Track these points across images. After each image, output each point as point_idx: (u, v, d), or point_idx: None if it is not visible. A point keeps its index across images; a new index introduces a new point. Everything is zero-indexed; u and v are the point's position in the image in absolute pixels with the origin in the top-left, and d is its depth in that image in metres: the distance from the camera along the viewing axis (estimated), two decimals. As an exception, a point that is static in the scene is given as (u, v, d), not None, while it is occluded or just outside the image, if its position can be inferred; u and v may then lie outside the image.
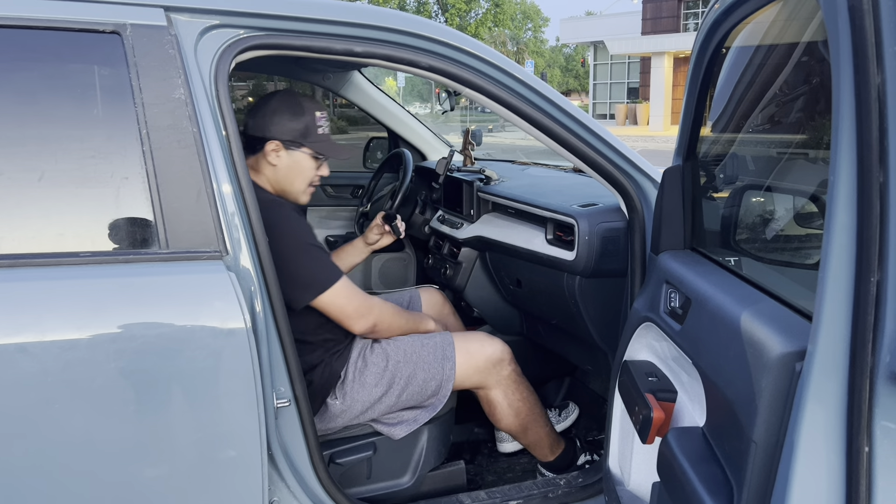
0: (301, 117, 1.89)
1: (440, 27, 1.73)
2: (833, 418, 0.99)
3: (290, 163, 1.91)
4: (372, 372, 1.94)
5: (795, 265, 1.55)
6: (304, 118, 1.89)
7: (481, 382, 2.09)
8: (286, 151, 1.90)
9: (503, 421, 2.15)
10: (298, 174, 1.93)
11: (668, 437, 1.39)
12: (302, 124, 1.89)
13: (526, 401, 2.15)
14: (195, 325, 1.40)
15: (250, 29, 1.56)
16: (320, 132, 1.92)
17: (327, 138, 1.95)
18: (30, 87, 1.39)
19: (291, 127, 1.88)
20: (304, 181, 1.94)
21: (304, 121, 1.89)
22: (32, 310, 1.31)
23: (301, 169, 1.93)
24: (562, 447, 2.27)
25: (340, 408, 1.91)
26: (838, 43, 0.94)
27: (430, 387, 1.98)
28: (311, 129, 1.90)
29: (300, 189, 1.95)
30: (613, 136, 1.88)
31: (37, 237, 1.37)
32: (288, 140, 1.89)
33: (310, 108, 1.91)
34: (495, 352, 2.09)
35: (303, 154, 1.91)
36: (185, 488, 1.45)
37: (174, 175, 1.43)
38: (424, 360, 1.98)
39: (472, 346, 2.08)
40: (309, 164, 1.93)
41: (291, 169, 1.92)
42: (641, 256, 1.91)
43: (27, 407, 1.30)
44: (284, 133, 1.88)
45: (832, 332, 0.97)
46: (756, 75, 1.61)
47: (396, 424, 1.99)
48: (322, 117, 1.93)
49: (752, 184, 1.74)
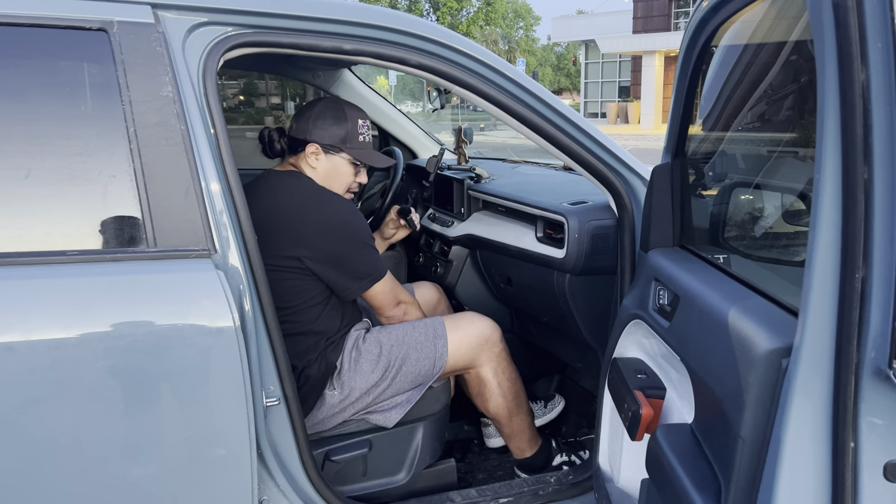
0: (343, 123, 1.96)
1: (430, 25, 1.73)
2: (819, 414, 0.99)
3: (328, 167, 1.98)
4: (367, 359, 1.97)
5: (784, 262, 1.56)
6: (346, 125, 1.96)
7: (473, 361, 2.13)
8: (325, 155, 1.96)
9: (491, 401, 2.17)
10: (336, 178, 2.00)
11: (657, 434, 1.40)
12: (343, 130, 1.96)
13: (514, 382, 2.19)
14: (183, 323, 1.39)
15: (238, 26, 1.56)
16: (361, 140, 1.99)
17: (367, 146, 2.01)
18: (16, 85, 1.38)
19: (333, 132, 1.95)
20: (341, 185, 2.01)
21: (345, 127, 1.96)
22: (19, 309, 1.30)
23: (339, 174, 2.00)
24: (539, 443, 2.30)
25: (339, 397, 1.93)
26: (823, 40, 0.95)
27: (425, 366, 2.01)
28: (351, 135, 1.96)
29: (339, 193, 2.01)
30: (603, 134, 1.89)
31: (23, 236, 1.36)
32: (328, 144, 1.95)
33: (352, 116, 1.97)
34: (486, 328, 2.14)
35: (341, 159, 1.98)
36: (174, 488, 1.45)
37: (162, 173, 1.42)
38: (416, 340, 2.02)
39: (463, 324, 2.13)
40: (347, 169, 2.00)
41: (329, 173, 1.99)
42: (631, 254, 1.91)
43: (14, 406, 1.29)
44: (325, 137, 1.95)
45: (818, 328, 0.97)
46: (744, 73, 1.62)
47: (391, 409, 2.00)
48: (364, 125, 2.00)
49: (741, 181, 1.74)
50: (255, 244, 1.53)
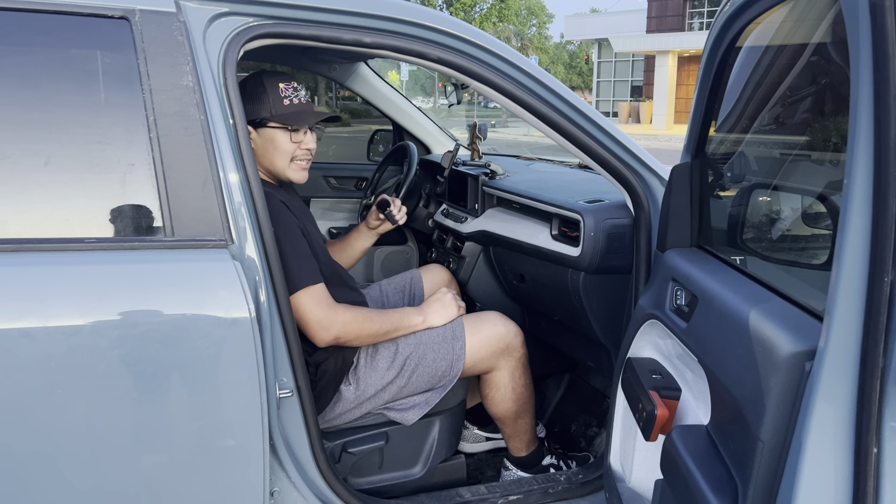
0: (261, 94, 1.85)
1: (450, 19, 1.72)
2: (842, 418, 0.98)
3: (262, 143, 1.88)
4: (383, 356, 1.94)
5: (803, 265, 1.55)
6: (265, 95, 1.85)
7: (491, 365, 2.07)
8: (256, 133, 1.87)
9: (501, 405, 2.12)
10: (275, 151, 1.88)
11: (673, 435, 1.39)
12: (263, 99, 1.85)
13: (528, 388, 2.14)
14: (199, 313, 1.39)
15: (259, 17, 1.55)
16: (286, 103, 1.86)
17: (297, 107, 1.88)
18: (38, 72, 1.38)
19: (255, 107, 1.84)
20: (283, 157, 1.89)
21: (264, 97, 1.85)
22: (37, 295, 1.31)
23: (275, 145, 1.88)
24: (535, 446, 2.26)
25: (355, 394, 1.92)
26: (858, 41, 0.93)
27: (441, 367, 1.97)
28: (274, 101, 1.85)
29: (283, 165, 1.90)
30: (621, 132, 1.87)
31: (42, 222, 1.36)
32: (254, 120, 1.85)
33: (271, 83, 1.86)
34: (508, 333, 2.07)
35: (271, 130, 1.87)
36: (186, 476, 1.45)
37: (180, 162, 1.42)
38: (433, 340, 1.98)
39: (485, 326, 2.06)
40: (282, 137, 1.87)
41: (266, 149, 1.88)
42: (647, 253, 1.90)
43: (29, 391, 1.29)
44: (250, 114, 1.82)
45: (844, 331, 0.96)
46: (768, 74, 1.60)
47: (409, 409, 1.98)
48: (288, 87, 1.87)
49: (761, 182, 1.73)
50: (271, 235, 1.52)
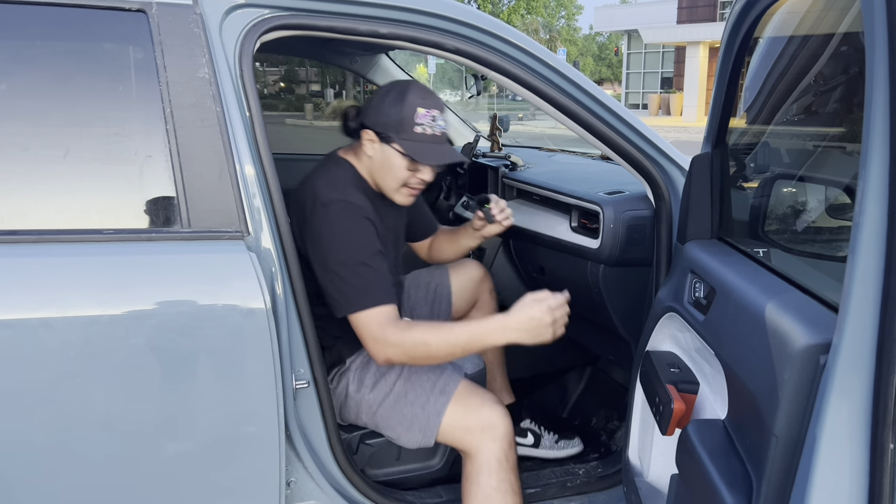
0: (399, 108, 1.70)
1: (468, 9, 1.71)
2: (857, 413, 0.96)
3: (381, 157, 1.76)
4: (371, 372, 1.83)
5: (826, 257, 1.52)
6: (402, 110, 1.70)
7: (465, 444, 1.75)
8: (380, 144, 1.74)
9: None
10: (388, 171, 1.76)
11: (688, 429, 1.37)
12: (397, 116, 1.70)
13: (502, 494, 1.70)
14: (215, 304, 1.40)
15: (275, 9, 1.56)
16: (417, 130, 1.70)
17: (427, 139, 1.72)
18: (55, 64, 1.40)
19: (386, 117, 1.71)
20: (394, 180, 1.77)
21: (400, 113, 1.70)
22: (56, 285, 1.33)
23: (391, 167, 1.75)
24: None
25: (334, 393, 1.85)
26: (873, 27, 0.91)
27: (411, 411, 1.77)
28: (406, 123, 1.70)
29: (391, 188, 1.79)
30: (642, 123, 1.85)
31: (61, 213, 1.38)
32: (381, 132, 1.73)
33: (412, 101, 1.70)
34: (492, 417, 1.73)
35: (393, 150, 1.73)
36: (203, 466, 1.46)
37: (197, 154, 1.43)
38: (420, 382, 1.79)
39: (473, 401, 1.77)
40: (399, 162, 1.74)
41: (382, 164, 1.76)
42: (667, 245, 1.88)
43: (49, 380, 1.31)
44: (378, 123, 1.73)
45: (859, 324, 0.94)
46: (789, 63, 1.57)
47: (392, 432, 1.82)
48: (426, 115, 1.71)
49: (783, 174, 1.70)
50: (287, 227, 1.53)
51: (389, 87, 1.76)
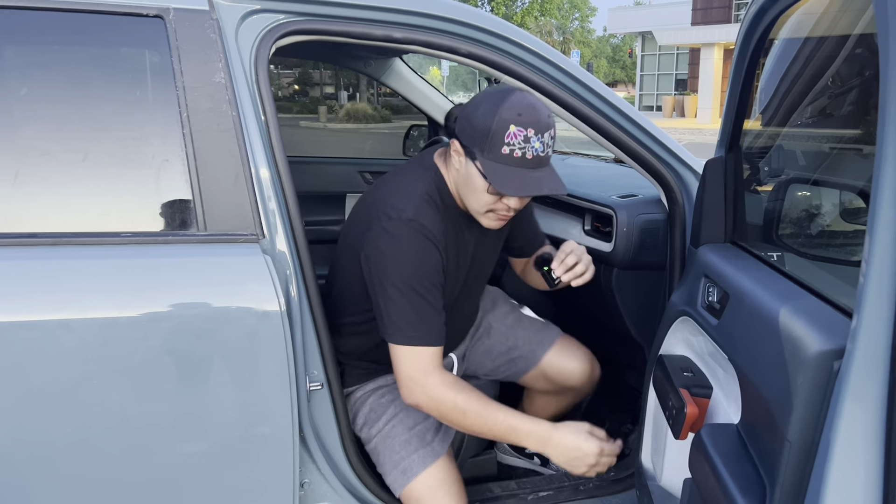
0: (489, 121, 1.46)
1: (481, 14, 1.72)
2: (871, 418, 0.96)
3: (465, 173, 1.54)
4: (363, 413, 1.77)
5: (841, 261, 1.51)
6: (491, 124, 1.45)
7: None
8: (465, 158, 1.53)
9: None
10: (472, 192, 1.55)
11: (702, 434, 1.37)
12: (484, 130, 1.46)
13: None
14: (230, 306, 1.42)
15: (290, 14, 1.57)
16: (504, 151, 1.45)
17: (514, 162, 1.46)
18: (74, 70, 1.42)
19: (472, 131, 1.49)
20: (477, 203, 1.55)
21: (488, 128, 1.45)
22: (74, 287, 1.35)
23: (473, 187, 1.53)
24: None
25: None
26: (887, 27, 0.91)
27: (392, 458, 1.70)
28: (493, 141, 1.45)
29: (475, 209, 1.58)
30: (656, 126, 1.85)
31: (79, 216, 1.40)
32: (466, 144, 1.52)
33: (505, 116, 1.44)
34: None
35: (475, 169, 1.50)
36: (217, 467, 1.48)
37: (213, 158, 1.45)
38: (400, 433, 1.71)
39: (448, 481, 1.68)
40: (481, 184, 1.51)
41: (465, 181, 1.55)
42: (681, 249, 1.88)
43: (67, 381, 1.33)
44: (465, 135, 1.51)
45: (873, 330, 0.93)
46: (804, 65, 1.56)
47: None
48: (518, 134, 1.44)
49: (798, 177, 1.69)
50: (301, 230, 1.54)
51: (489, 93, 1.52)
